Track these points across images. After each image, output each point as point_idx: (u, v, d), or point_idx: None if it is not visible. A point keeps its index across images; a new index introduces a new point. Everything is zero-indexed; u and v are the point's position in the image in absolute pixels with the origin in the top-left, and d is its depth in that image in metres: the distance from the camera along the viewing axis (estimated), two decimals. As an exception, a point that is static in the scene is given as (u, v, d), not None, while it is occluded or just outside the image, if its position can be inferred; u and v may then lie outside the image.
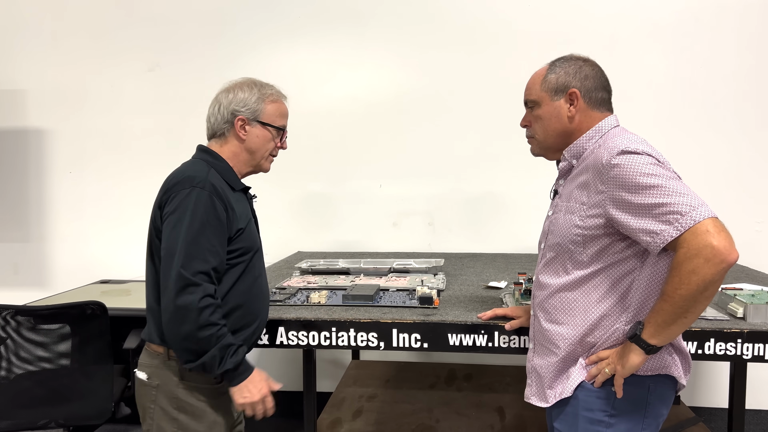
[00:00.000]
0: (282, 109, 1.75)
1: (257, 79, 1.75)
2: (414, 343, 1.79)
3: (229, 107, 1.67)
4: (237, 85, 1.71)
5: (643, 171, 1.27)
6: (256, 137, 1.69)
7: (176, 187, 1.55)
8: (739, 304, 1.79)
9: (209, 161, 1.65)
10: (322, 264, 2.53)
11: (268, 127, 1.70)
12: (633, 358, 1.31)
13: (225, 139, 1.69)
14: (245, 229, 1.63)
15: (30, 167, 3.49)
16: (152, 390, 1.60)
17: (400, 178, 3.28)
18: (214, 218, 1.53)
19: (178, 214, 1.51)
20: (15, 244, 3.52)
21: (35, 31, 3.42)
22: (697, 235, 1.19)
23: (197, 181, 1.54)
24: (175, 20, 3.33)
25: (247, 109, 1.67)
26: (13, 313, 2.27)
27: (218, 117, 1.69)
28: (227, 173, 1.65)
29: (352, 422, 2.53)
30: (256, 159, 1.72)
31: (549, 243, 1.49)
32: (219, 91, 1.72)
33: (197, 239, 1.50)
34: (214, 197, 1.54)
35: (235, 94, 1.68)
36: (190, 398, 1.59)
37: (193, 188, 1.53)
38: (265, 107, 1.70)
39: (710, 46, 3.02)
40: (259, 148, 1.71)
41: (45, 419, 2.33)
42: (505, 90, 3.13)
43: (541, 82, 1.50)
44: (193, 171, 1.58)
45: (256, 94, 1.69)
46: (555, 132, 1.49)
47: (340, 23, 3.24)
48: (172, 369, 1.58)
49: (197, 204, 1.52)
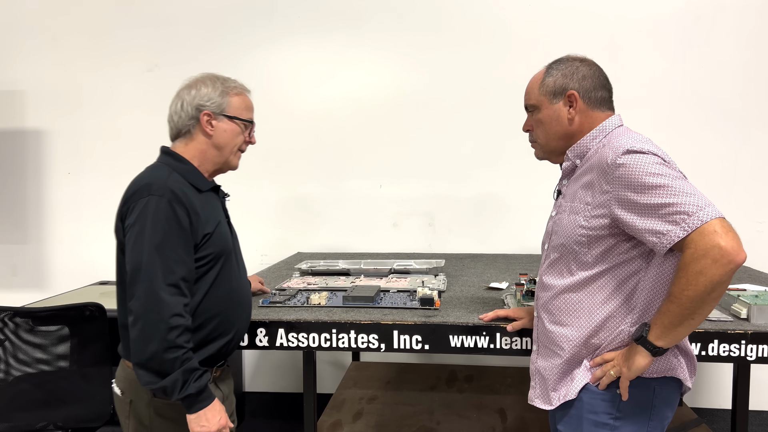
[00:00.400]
0: (247, 102, 1.69)
1: (218, 74, 1.69)
2: (415, 345, 1.78)
3: (193, 103, 1.61)
4: (199, 81, 1.65)
5: (649, 171, 1.25)
6: (223, 132, 1.63)
7: (134, 197, 1.49)
8: (743, 305, 1.77)
9: (171, 164, 1.58)
10: (322, 265, 2.51)
11: (235, 120, 1.64)
12: (639, 360, 1.29)
13: (191, 136, 1.62)
14: (213, 232, 1.56)
15: (28, 168, 3.47)
16: (126, 405, 1.57)
17: (400, 178, 3.27)
18: (177, 226, 1.46)
19: (138, 226, 1.45)
20: (13, 246, 3.50)
21: (34, 32, 3.40)
22: (704, 236, 1.17)
23: (155, 188, 1.48)
24: (173, 21, 3.31)
25: (212, 102, 1.61)
26: (11, 315, 2.25)
27: (182, 114, 1.62)
28: (191, 175, 1.59)
29: (352, 424, 2.51)
30: (224, 155, 1.66)
31: (553, 244, 1.47)
32: (180, 89, 1.66)
33: (161, 250, 1.43)
34: (175, 204, 1.47)
35: (198, 89, 1.62)
36: (163, 413, 1.54)
37: (150, 196, 1.46)
38: (230, 100, 1.63)
39: (711, 46, 3.01)
40: (227, 143, 1.64)
41: (43, 422, 2.31)
42: (505, 89, 3.13)
43: (539, 86, 1.49)
44: (150, 177, 1.52)
45: (219, 88, 1.63)
46: (556, 135, 1.48)
47: (339, 24, 3.23)
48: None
49: (157, 213, 1.45)
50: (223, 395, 1.68)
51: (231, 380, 1.78)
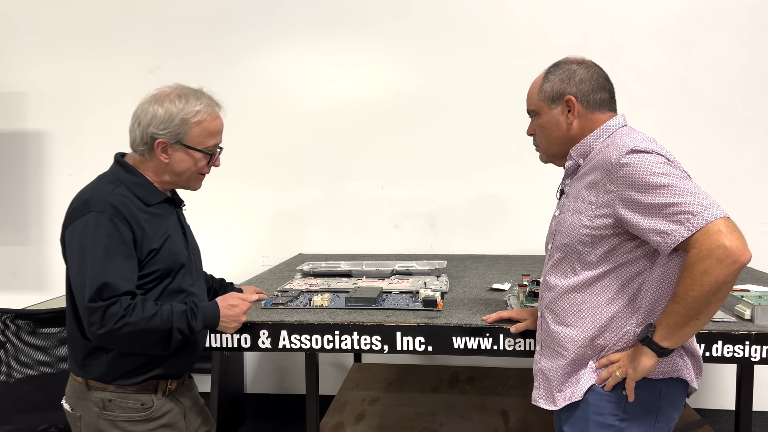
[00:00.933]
0: (211, 128, 1.54)
1: (186, 88, 1.54)
2: (418, 346, 1.77)
3: (148, 129, 1.49)
4: (159, 98, 1.51)
5: (653, 170, 1.25)
6: (180, 161, 1.52)
7: (74, 213, 1.45)
8: (747, 306, 1.77)
9: (120, 175, 1.51)
10: (323, 266, 2.51)
11: (193, 151, 1.52)
12: (645, 361, 1.29)
13: (144, 157, 1.53)
14: (160, 248, 1.49)
15: (29, 170, 3.47)
16: (76, 421, 1.54)
17: (402, 179, 3.26)
18: (119, 242, 1.40)
19: (79, 245, 1.41)
20: (14, 248, 3.49)
21: (34, 34, 3.40)
22: (709, 236, 1.17)
23: (94, 204, 1.42)
24: (174, 22, 3.31)
25: (167, 132, 1.48)
26: (13, 317, 2.26)
27: (137, 135, 1.51)
28: (139, 188, 1.51)
29: (354, 426, 2.50)
30: (182, 180, 1.56)
31: (556, 243, 1.47)
32: (141, 101, 1.54)
33: (104, 267, 1.38)
34: (116, 219, 1.41)
35: (155, 111, 1.49)
36: (113, 429, 1.50)
37: (90, 213, 1.41)
38: (189, 130, 1.49)
39: (711, 46, 3.01)
40: (184, 171, 1.54)
41: (45, 424, 2.31)
42: (507, 90, 3.12)
43: (538, 92, 1.49)
44: (92, 192, 1.46)
45: (179, 114, 1.48)
46: (557, 140, 1.48)
47: (341, 25, 3.23)
48: (93, 400, 1.50)
49: (97, 229, 1.39)
50: (185, 408, 1.63)
51: (194, 394, 1.73)
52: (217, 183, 3.39)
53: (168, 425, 1.56)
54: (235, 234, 3.36)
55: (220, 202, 3.35)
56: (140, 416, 1.52)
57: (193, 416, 1.68)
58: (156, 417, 1.53)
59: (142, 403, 1.52)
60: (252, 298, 1.72)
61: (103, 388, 1.50)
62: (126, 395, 1.50)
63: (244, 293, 1.74)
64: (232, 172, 3.32)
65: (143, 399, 1.52)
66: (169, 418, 1.57)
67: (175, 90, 1.54)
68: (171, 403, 1.59)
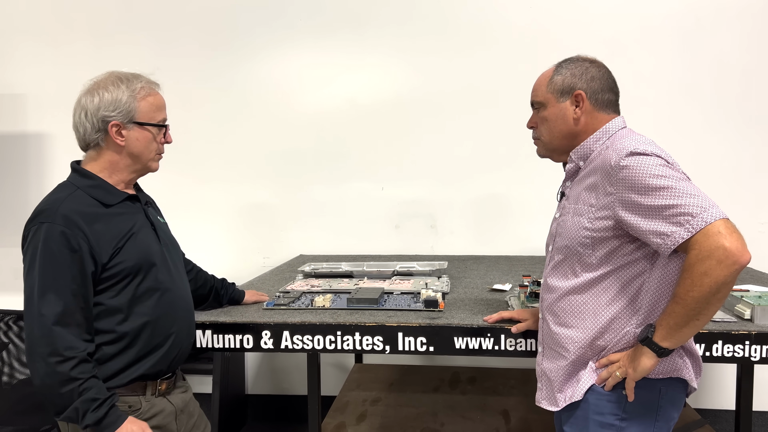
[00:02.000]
0: (157, 102, 1.56)
1: (121, 72, 1.55)
2: (420, 347, 1.78)
3: (98, 114, 1.48)
4: (100, 85, 1.51)
5: (653, 172, 1.26)
6: (136, 140, 1.52)
7: (28, 225, 1.45)
8: (747, 306, 1.78)
9: (76, 181, 1.51)
10: (324, 267, 2.52)
11: (147, 126, 1.53)
12: (644, 361, 1.29)
13: (100, 149, 1.52)
14: (123, 247, 1.49)
15: (30, 172, 3.47)
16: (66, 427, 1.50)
17: (402, 180, 3.27)
18: (68, 254, 1.40)
19: (29, 257, 1.42)
20: (16, 249, 3.47)
21: (35, 35, 3.41)
22: (708, 237, 1.18)
23: (46, 215, 1.43)
24: (175, 24, 3.32)
25: (118, 111, 1.49)
26: (15, 319, 2.26)
27: (87, 126, 1.50)
28: (97, 190, 1.51)
29: (356, 426, 2.51)
30: (141, 162, 1.57)
31: (557, 245, 1.48)
32: (80, 94, 1.52)
33: (53, 279, 1.39)
34: (67, 230, 1.41)
35: (101, 96, 1.49)
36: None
37: (41, 224, 1.42)
38: (138, 105, 1.51)
39: (712, 46, 3.02)
40: (143, 151, 1.55)
41: (47, 425, 2.31)
42: (507, 92, 3.12)
43: (547, 84, 1.49)
44: (46, 203, 1.47)
45: (125, 93, 1.49)
46: (561, 134, 1.48)
47: (341, 26, 3.24)
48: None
49: (47, 241, 1.40)
50: (176, 410, 1.61)
51: (186, 396, 1.69)
52: (218, 185, 3.41)
53: (158, 427, 1.53)
54: (236, 235, 3.37)
55: (221, 203, 3.36)
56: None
57: (185, 417, 1.65)
58: (145, 419, 1.51)
59: (130, 405, 1.50)
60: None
61: None
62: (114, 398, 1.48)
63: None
64: (234, 174, 3.33)
65: (131, 401, 1.51)
66: (158, 420, 1.54)
67: (111, 75, 1.54)
68: (161, 404, 1.56)
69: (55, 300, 1.40)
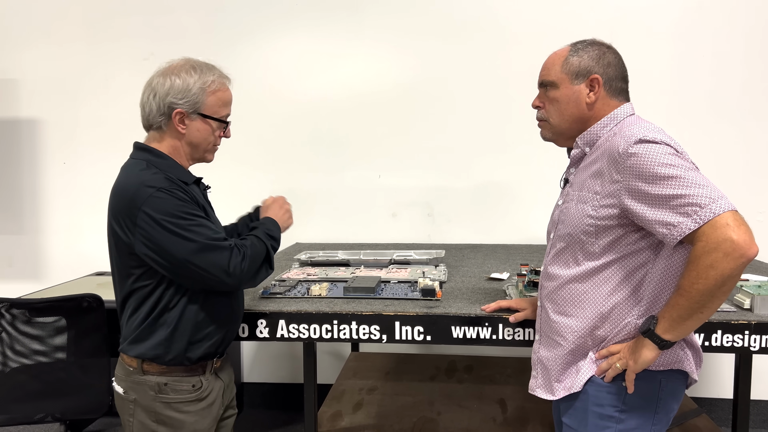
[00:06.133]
0: (225, 98, 1.60)
1: (197, 61, 1.57)
2: (417, 336, 1.76)
3: (166, 99, 1.50)
4: (174, 70, 1.53)
5: (661, 161, 1.23)
6: (197, 131, 1.55)
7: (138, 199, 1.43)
8: (746, 296, 1.77)
9: (150, 160, 1.52)
10: (321, 255, 2.50)
11: (209, 119, 1.56)
12: (646, 353, 1.28)
13: (162, 132, 1.55)
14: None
15: (24, 158, 3.43)
16: (129, 404, 1.56)
17: (400, 168, 3.24)
18: (191, 205, 1.48)
19: (172, 220, 1.42)
20: (9, 236, 3.47)
21: (27, 19, 3.35)
22: (716, 229, 1.15)
23: (155, 183, 1.45)
24: (170, 8, 3.27)
25: (186, 101, 1.51)
26: (8, 306, 2.24)
27: (153, 107, 1.52)
28: (173, 170, 1.53)
29: (352, 415, 2.50)
30: (198, 152, 1.60)
31: (559, 233, 1.45)
32: (154, 74, 1.55)
33: (206, 224, 1.47)
34: (176, 191, 1.46)
35: (172, 81, 1.51)
36: (168, 410, 1.54)
37: (152, 195, 1.43)
38: (206, 99, 1.53)
39: (712, 35, 2.99)
40: (201, 142, 1.57)
41: (41, 413, 2.30)
42: (505, 78, 3.10)
43: (562, 63, 1.43)
44: (137, 179, 1.46)
45: (196, 84, 1.51)
46: (571, 117, 1.44)
47: (338, 13, 3.19)
48: (148, 384, 1.53)
49: (175, 203, 1.44)
50: (224, 384, 1.69)
51: (231, 370, 1.77)
52: (213, 172, 3.36)
53: (212, 403, 1.62)
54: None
55: (217, 190, 3.31)
56: (192, 397, 1.57)
57: (229, 392, 1.74)
58: (204, 397, 1.59)
59: (193, 384, 1.56)
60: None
61: (158, 372, 1.53)
62: (179, 378, 1.54)
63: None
64: (228, 161, 3.28)
65: (194, 381, 1.57)
66: (212, 396, 1.62)
67: (188, 62, 1.56)
68: (215, 381, 1.64)
69: (205, 244, 1.46)
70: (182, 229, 1.43)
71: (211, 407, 1.62)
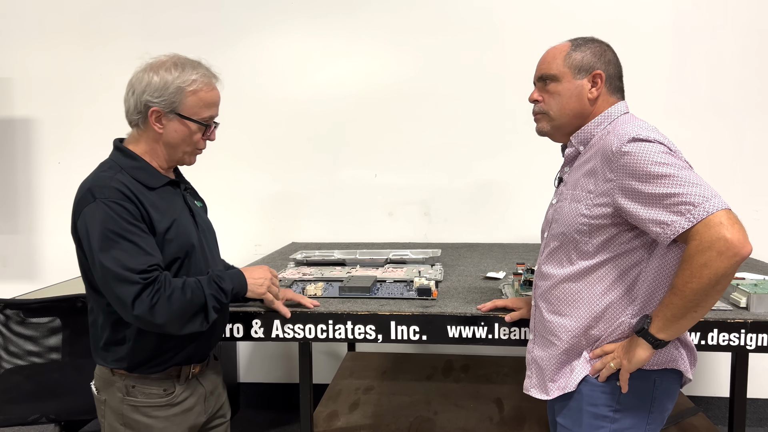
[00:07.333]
0: (207, 99, 1.48)
1: (182, 58, 1.49)
2: (413, 336, 1.76)
3: (142, 96, 1.43)
4: (155, 67, 1.45)
5: (655, 160, 1.23)
6: (174, 132, 1.46)
7: (80, 204, 1.39)
8: (742, 294, 1.76)
9: (119, 161, 1.46)
10: (317, 255, 2.49)
11: (188, 121, 1.46)
12: (640, 352, 1.27)
13: (140, 131, 1.48)
14: (167, 231, 1.45)
15: (17, 157, 3.42)
16: (101, 405, 1.53)
17: (396, 167, 3.24)
18: (132, 221, 1.37)
19: (94, 234, 1.35)
20: (3, 236, 3.45)
21: (21, 18, 3.34)
22: (710, 227, 1.15)
23: (98, 191, 1.37)
24: (165, 7, 3.25)
25: (162, 100, 1.43)
26: (2, 307, 2.23)
27: (131, 104, 1.46)
28: (140, 172, 1.46)
29: (349, 415, 2.50)
30: (177, 154, 1.51)
31: (553, 232, 1.45)
32: (136, 69, 1.47)
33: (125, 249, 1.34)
34: (123, 202, 1.37)
35: (150, 78, 1.43)
36: (135, 414, 1.49)
37: (96, 201, 1.36)
38: (184, 99, 1.44)
39: (708, 33, 2.99)
40: (179, 144, 1.48)
41: (36, 414, 2.29)
42: (502, 78, 3.10)
43: (564, 58, 1.42)
44: (92, 181, 1.42)
45: (174, 83, 1.43)
46: (572, 111, 1.43)
47: (334, 11, 3.18)
48: (116, 385, 1.49)
49: (107, 214, 1.35)
50: (206, 391, 1.62)
51: (217, 376, 1.71)
52: (209, 171, 3.35)
53: (188, 410, 1.55)
54: (227, 223, 3.32)
55: (212, 190, 3.29)
56: (162, 402, 1.50)
57: (213, 400, 1.66)
58: (177, 402, 1.52)
59: (165, 389, 1.51)
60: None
61: (126, 375, 1.49)
62: (149, 381, 1.49)
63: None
64: (224, 160, 3.28)
65: (165, 385, 1.51)
66: (189, 403, 1.55)
67: (171, 58, 1.49)
68: (192, 387, 1.57)
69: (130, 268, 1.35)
70: (101, 251, 1.35)
71: (187, 414, 1.55)
